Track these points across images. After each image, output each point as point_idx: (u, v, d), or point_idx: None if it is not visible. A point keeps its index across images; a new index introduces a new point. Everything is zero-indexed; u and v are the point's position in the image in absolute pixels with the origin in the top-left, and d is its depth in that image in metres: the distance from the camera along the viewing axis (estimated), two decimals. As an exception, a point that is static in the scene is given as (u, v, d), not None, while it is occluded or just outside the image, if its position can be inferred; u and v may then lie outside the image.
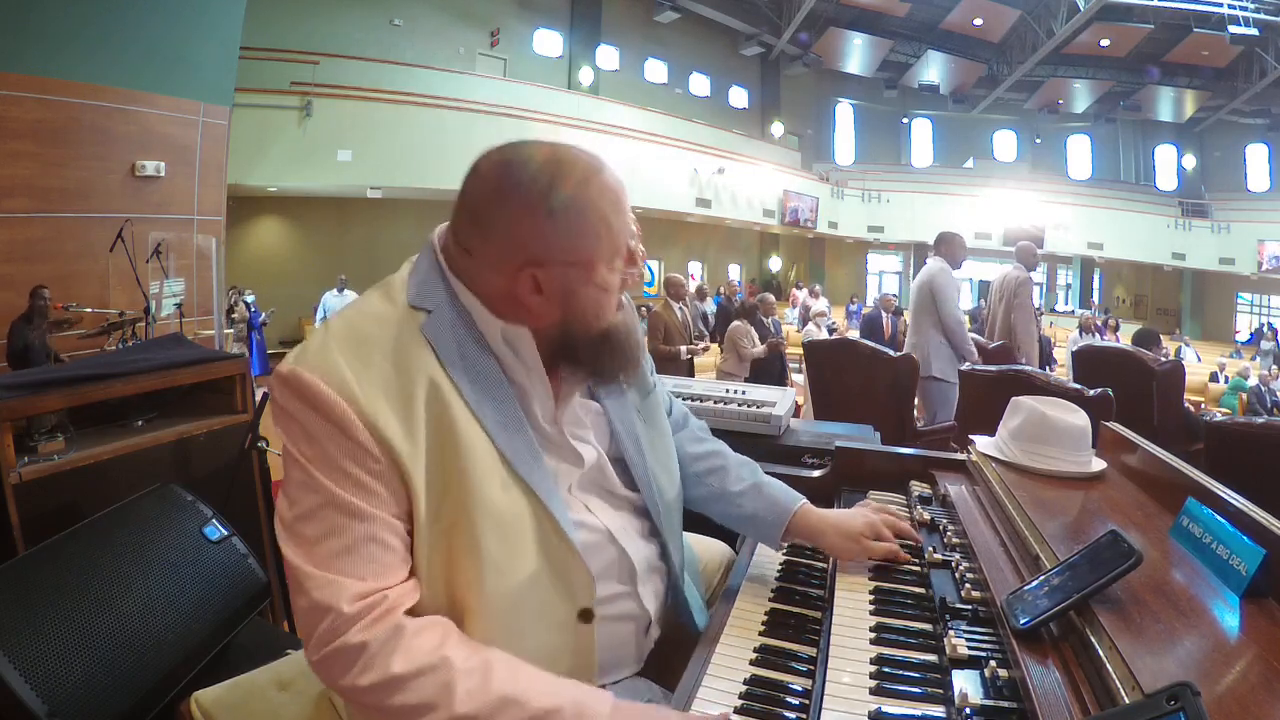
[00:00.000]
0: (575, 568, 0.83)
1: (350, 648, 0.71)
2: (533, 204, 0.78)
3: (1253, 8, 13.67)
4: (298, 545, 0.75)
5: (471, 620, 0.79)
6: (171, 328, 5.22)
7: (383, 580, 0.74)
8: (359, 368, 0.76)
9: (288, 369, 0.76)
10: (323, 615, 0.72)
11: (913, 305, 4.15)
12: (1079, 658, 0.69)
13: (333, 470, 0.75)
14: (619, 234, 0.82)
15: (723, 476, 1.09)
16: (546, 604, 0.83)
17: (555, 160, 0.80)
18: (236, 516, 1.64)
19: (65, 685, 1.06)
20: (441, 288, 0.83)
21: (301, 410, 0.75)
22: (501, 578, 0.79)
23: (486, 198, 0.80)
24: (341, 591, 0.72)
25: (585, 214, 0.79)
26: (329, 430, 0.75)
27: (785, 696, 0.80)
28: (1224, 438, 2.20)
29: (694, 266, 17.03)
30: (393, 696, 0.71)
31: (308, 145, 8.91)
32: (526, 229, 0.79)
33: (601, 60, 15.36)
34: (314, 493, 0.75)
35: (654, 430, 1.01)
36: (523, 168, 0.79)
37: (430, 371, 0.79)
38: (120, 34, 5.42)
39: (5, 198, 5.07)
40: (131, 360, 1.91)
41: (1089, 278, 18.80)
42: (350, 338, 0.78)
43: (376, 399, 0.76)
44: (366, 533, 0.75)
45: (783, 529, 1.04)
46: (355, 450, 0.75)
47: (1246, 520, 0.81)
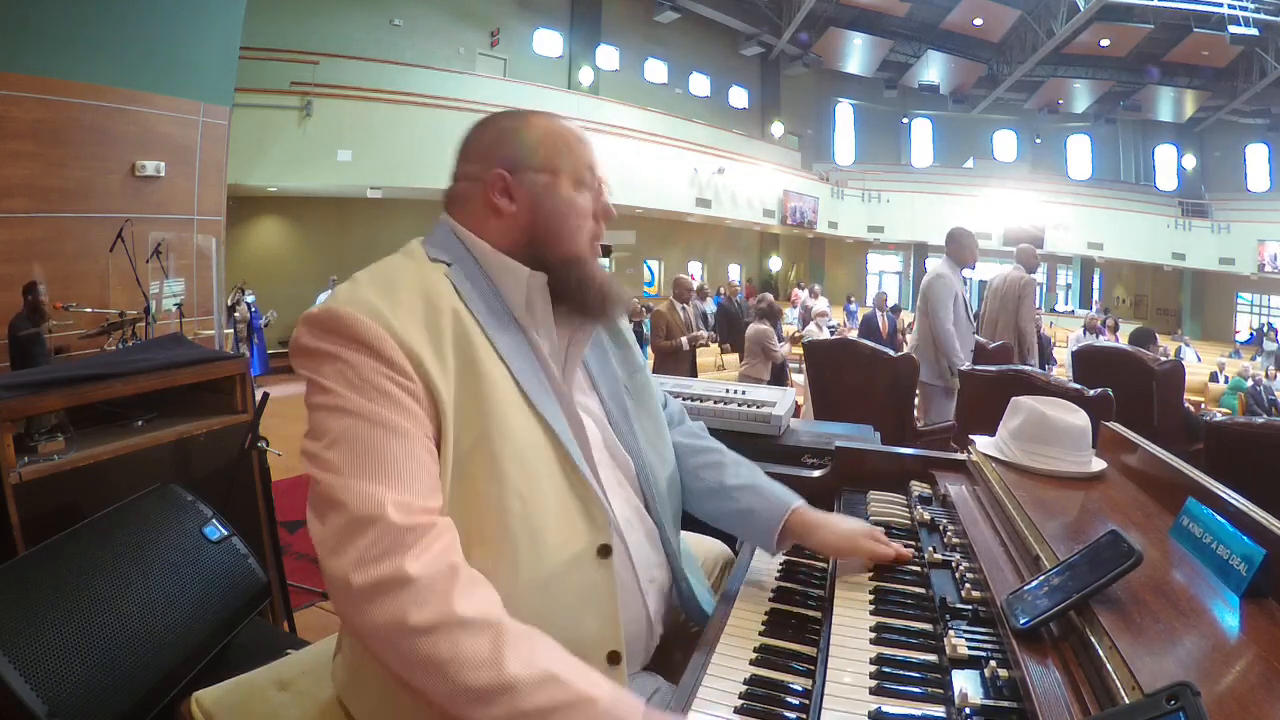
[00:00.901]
0: (592, 502, 0.86)
1: (404, 576, 0.67)
2: (504, 127, 0.94)
3: (1253, 8, 13.66)
4: (327, 466, 0.72)
5: (496, 548, 0.79)
6: (171, 328, 5.22)
7: (423, 499, 0.73)
8: (388, 299, 0.80)
9: (318, 309, 0.79)
10: (365, 528, 0.68)
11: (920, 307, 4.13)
12: (1079, 658, 0.69)
13: (367, 389, 0.75)
14: (579, 158, 0.94)
15: (719, 471, 1.09)
16: (567, 535, 0.84)
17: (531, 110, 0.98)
18: (236, 516, 1.65)
19: (65, 685, 1.06)
20: (457, 244, 0.91)
21: (333, 341, 0.77)
22: (523, 504, 0.80)
23: (470, 135, 0.96)
24: (385, 499, 0.69)
25: (549, 134, 0.93)
26: (363, 353, 0.76)
27: (785, 696, 0.80)
28: (1224, 438, 2.20)
29: (694, 266, 17.02)
30: (445, 640, 0.66)
31: (308, 145, 8.90)
32: (498, 142, 0.93)
33: (601, 60, 15.36)
34: (347, 415, 0.74)
35: (643, 409, 1.03)
36: (501, 113, 0.97)
37: (454, 306, 0.84)
38: (120, 34, 5.41)
39: (5, 198, 5.07)
40: (131, 360, 1.91)
41: (1089, 278, 18.80)
42: (377, 280, 0.83)
43: (407, 322, 0.79)
44: (404, 449, 0.74)
45: (779, 526, 1.02)
46: (390, 369, 0.76)
47: (1246, 520, 0.81)
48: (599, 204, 0.96)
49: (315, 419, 0.76)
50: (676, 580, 1.00)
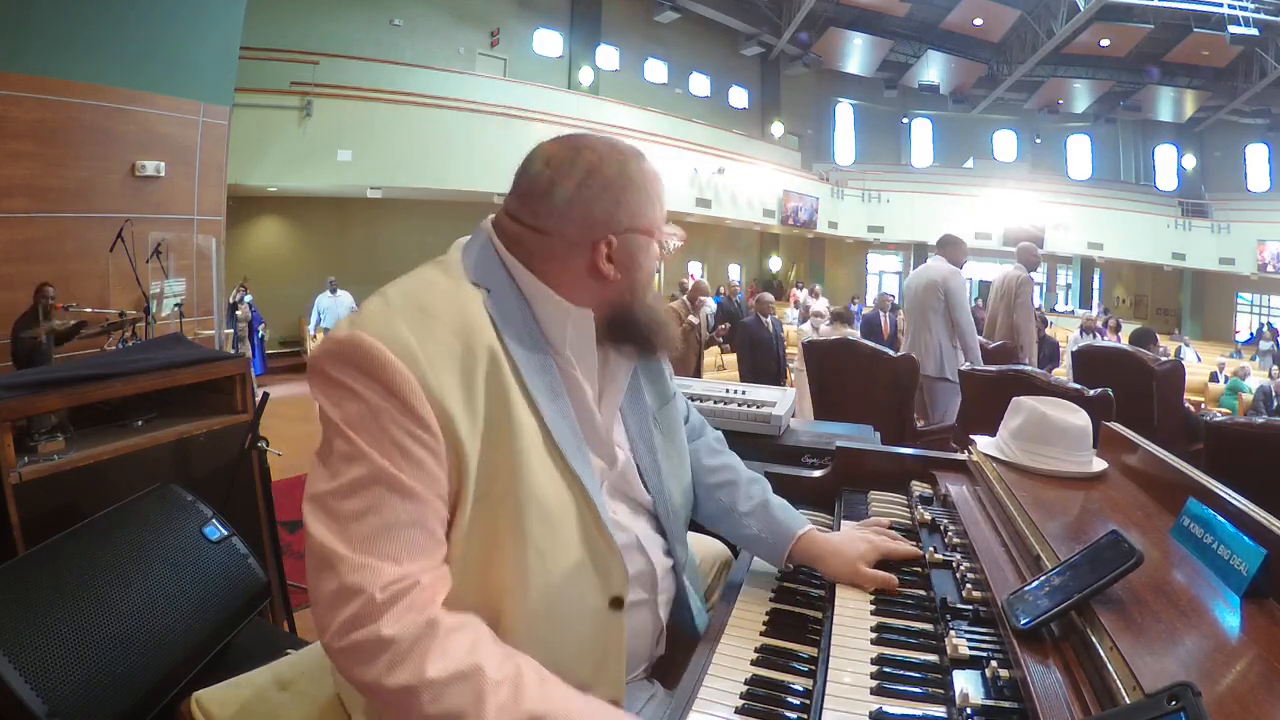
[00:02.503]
0: (612, 558, 0.84)
1: (380, 640, 0.67)
2: (610, 179, 0.85)
3: (1253, 8, 13.66)
4: (331, 521, 0.71)
5: (511, 604, 0.77)
6: (172, 328, 5.22)
7: (418, 564, 0.71)
8: (423, 336, 0.74)
9: (346, 333, 0.74)
10: (351, 599, 0.68)
11: (915, 304, 4.12)
12: (1080, 658, 0.69)
13: (384, 443, 0.71)
14: (662, 209, 0.90)
15: (733, 493, 1.09)
16: (583, 591, 0.82)
17: (615, 145, 0.89)
18: (236, 516, 1.64)
19: (65, 685, 1.06)
20: (500, 271, 0.84)
21: (358, 377, 0.72)
22: (543, 561, 0.78)
23: (563, 177, 0.84)
24: (376, 577, 0.68)
25: (648, 185, 0.88)
26: (386, 398, 0.71)
27: (786, 696, 0.80)
28: (1224, 438, 2.20)
29: (694, 266, 17.02)
30: (422, 702, 0.67)
31: (308, 145, 8.90)
32: (609, 200, 0.85)
33: (601, 60, 15.35)
34: (359, 465, 0.71)
35: (670, 442, 1.00)
36: (593, 150, 0.86)
37: (490, 342, 0.78)
38: (120, 34, 5.41)
39: (5, 198, 5.06)
40: (131, 360, 1.91)
41: (1089, 278, 18.80)
42: (412, 306, 0.77)
43: (441, 368, 0.74)
44: (411, 514, 0.71)
45: (784, 554, 1.04)
46: (412, 423, 0.72)
47: (1247, 520, 0.81)
48: (667, 254, 0.93)
49: (328, 459, 0.73)
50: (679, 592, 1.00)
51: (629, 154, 0.88)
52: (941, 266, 4.06)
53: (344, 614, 0.68)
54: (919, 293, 4.09)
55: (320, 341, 0.77)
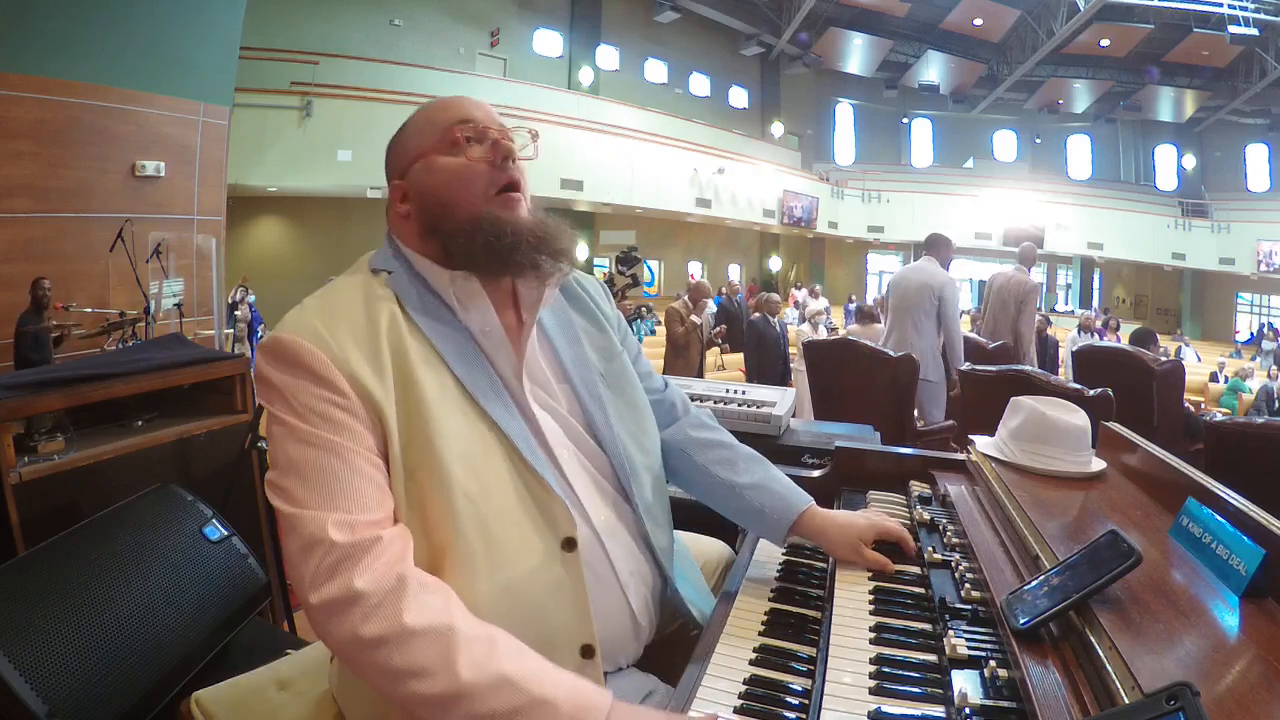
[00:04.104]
0: (550, 499, 0.85)
1: (352, 592, 0.70)
2: (391, 143, 0.96)
3: (1253, 8, 13.67)
4: (281, 494, 0.77)
5: (453, 555, 0.79)
6: (171, 328, 5.22)
7: (367, 513, 0.75)
8: (329, 320, 0.82)
9: (267, 338, 0.82)
10: (313, 551, 0.72)
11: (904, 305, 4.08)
12: (1079, 658, 0.69)
13: (307, 414, 0.78)
14: (441, 122, 0.92)
15: (730, 468, 1.08)
16: (526, 534, 0.83)
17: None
18: (236, 516, 1.64)
19: (65, 685, 1.07)
20: (394, 255, 0.92)
21: (277, 367, 0.80)
22: (474, 506, 0.80)
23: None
24: (325, 522, 0.73)
25: (413, 124, 0.94)
26: (302, 378, 0.79)
27: (785, 696, 0.80)
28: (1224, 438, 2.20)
29: (694, 266, 17.03)
30: (396, 652, 0.69)
31: (308, 145, 8.91)
32: (391, 154, 0.95)
33: (601, 60, 15.36)
34: (290, 440, 0.78)
35: (621, 399, 1.00)
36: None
37: (393, 314, 0.85)
38: (120, 34, 5.41)
39: (5, 198, 5.06)
40: (131, 360, 1.91)
41: (1089, 278, 18.81)
42: (321, 302, 0.86)
43: (346, 342, 0.81)
44: (344, 466, 0.77)
45: (788, 528, 1.03)
46: (328, 391, 0.78)
47: (1246, 520, 0.81)
48: (489, 149, 0.90)
49: (272, 446, 0.80)
50: (664, 576, 0.99)
51: (419, 109, 0.97)
52: (936, 271, 4.04)
53: (311, 566, 0.73)
54: (909, 293, 4.06)
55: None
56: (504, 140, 0.91)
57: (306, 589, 0.73)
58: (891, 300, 4.21)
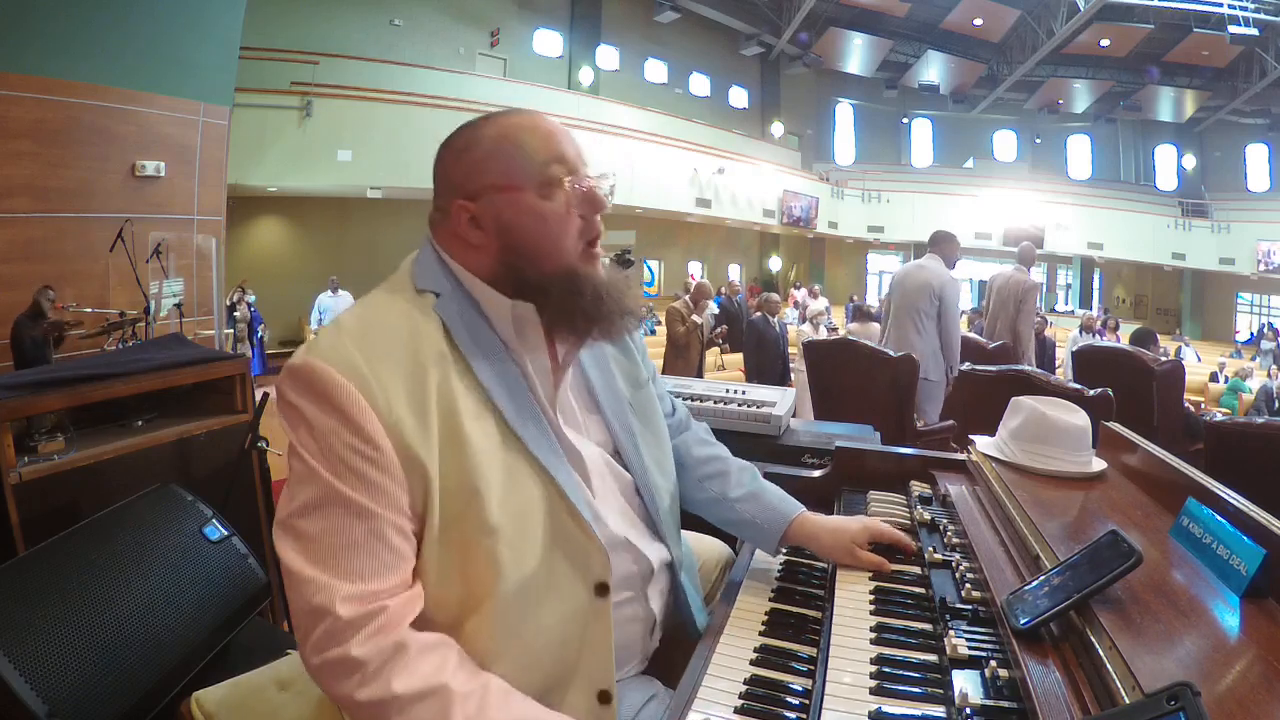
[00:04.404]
0: (589, 544, 0.83)
1: (351, 660, 0.70)
2: (456, 149, 0.86)
3: (1253, 8, 13.66)
4: (294, 542, 0.74)
5: (490, 604, 0.78)
6: (171, 328, 5.21)
7: (380, 582, 0.73)
8: (370, 354, 0.76)
9: (299, 360, 0.76)
10: (318, 620, 0.71)
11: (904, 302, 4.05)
12: (1079, 658, 0.69)
13: (334, 462, 0.73)
14: (539, 155, 0.84)
15: (723, 482, 1.10)
16: (561, 581, 0.82)
17: (487, 114, 0.88)
18: (236, 516, 1.64)
19: (65, 685, 1.06)
20: (444, 272, 0.86)
21: (309, 401, 0.74)
22: (515, 556, 0.78)
23: (436, 159, 0.89)
24: (335, 594, 0.71)
25: (499, 142, 0.85)
26: (336, 419, 0.73)
27: (785, 696, 0.80)
28: (1224, 438, 2.20)
29: (694, 266, 17.02)
30: (393, 714, 0.70)
31: (308, 145, 8.90)
32: (453, 169, 0.86)
33: (601, 60, 15.35)
34: (313, 487, 0.74)
35: (647, 427, 1.00)
36: (458, 130, 0.88)
37: (440, 347, 0.80)
38: (120, 34, 5.41)
39: (5, 198, 5.06)
40: (131, 360, 1.91)
41: (1089, 278, 18.80)
42: (361, 328, 0.79)
43: (389, 383, 0.75)
44: (366, 531, 0.73)
45: (779, 536, 1.05)
46: (361, 441, 0.73)
47: (1246, 520, 0.81)
48: (584, 197, 0.86)
49: (290, 481, 0.76)
50: (675, 589, 1.00)
51: (496, 118, 0.87)
52: (938, 270, 3.99)
53: (315, 633, 0.71)
54: (910, 292, 4.02)
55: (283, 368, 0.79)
56: (599, 192, 0.87)
57: (306, 651, 0.72)
58: (892, 299, 4.20)
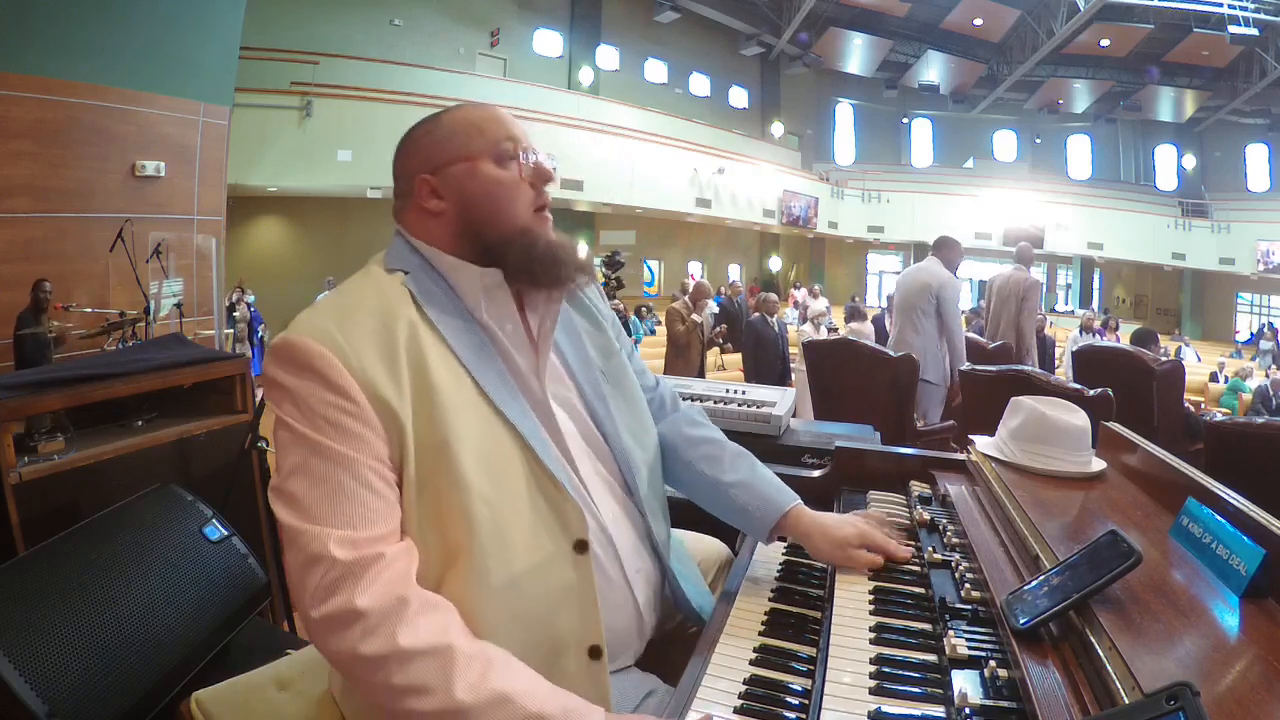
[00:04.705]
0: (564, 501, 0.85)
1: (352, 610, 0.71)
2: (419, 133, 0.95)
3: (1253, 8, 13.66)
4: (286, 503, 0.76)
5: (467, 559, 0.79)
6: (171, 328, 5.22)
7: (372, 527, 0.75)
8: (342, 321, 0.80)
9: (278, 339, 0.81)
10: (315, 566, 0.72)
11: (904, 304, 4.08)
12: (1079, 658, 0.69)
13: (315, 420, 0.77)
14: (493, 133, 0.92)
15: (717, 465, 1.08)
16: (538, 534, 0.83)
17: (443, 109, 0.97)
18: (236, 516, 1.64)
19: (65, 685, 1.06)
20: (411, 253, 0.91)
21: (287, 370, 0.79)
22: (490, 510, 0.80)
23: (397, 150, 0.96)
24: (328, 538, 0.73)
25: (457, 123, 0.93)
26: (311, 381, 0.77)
27: (785, 696, 0.80)
28: (1224, 438, 2.20)
29: (694, 266, 17.03)
30: (394, 671, 0.70)
31: (308, 145, 8.91)
32: (416, 149, 0.94)
33: (601, 60, 15.36)
34: (298, 446, 0.77)
35: (620, 392, 1.02)
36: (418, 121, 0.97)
37: (411, 316, 0.84)
38: (120, 34, 5.41)
39: (5, 198, 5.06)
40: (131, 360, 1.91)
41: (1089, 278, 18.80)
42: (334, 304, 0.85)
43: (360, 344, 0.79)
44: (351, 477, 0.76)
45: (771, 526, 1.03)
46: (337, 396, 0.77)
47: (1246, 520, 0.81)
48: (533, 170, 0.93)
49: (278, 452, 0.79)
50: (665, 573, 1.00)
51: (453, 108, 0.96)
52: (938, 271, 4.02)
53: (312, 582, 0.73)
54: (910, 293, 4.06)
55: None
56: (547, 164, 0.95)
57: (306, 604, 0.73)
58: (895, 302, 4.22)
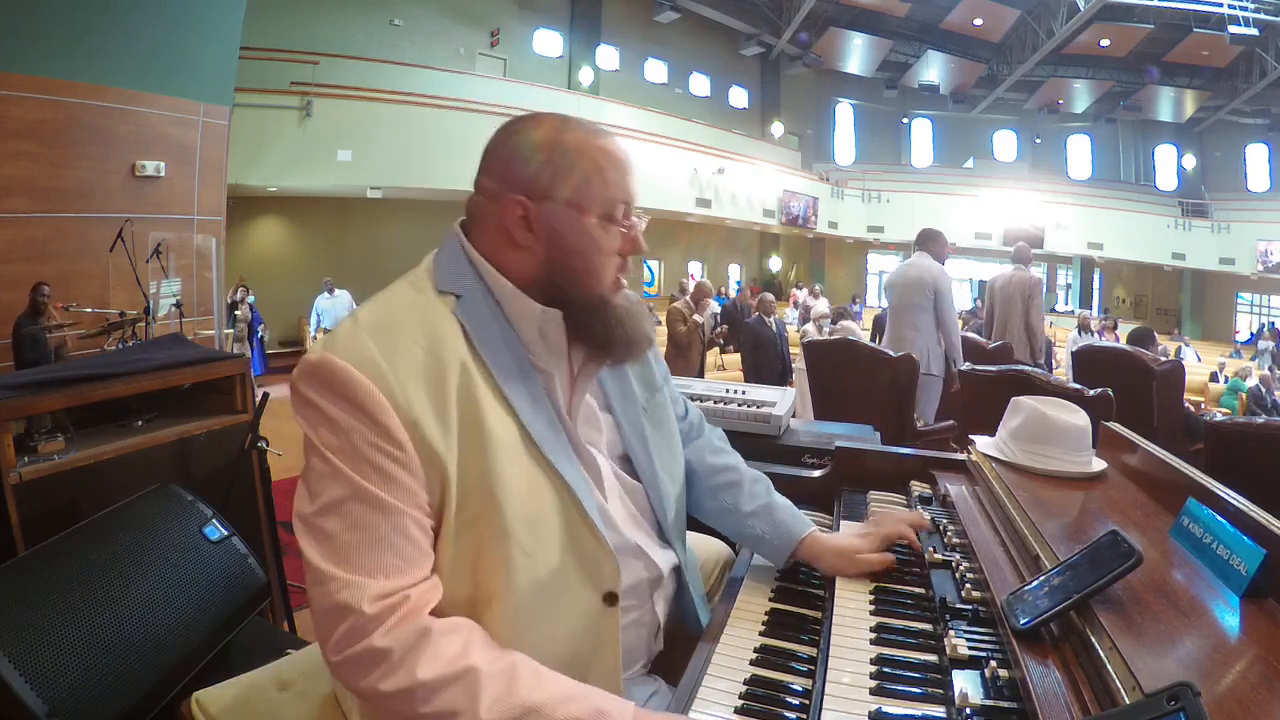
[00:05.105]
0: (601, 554, 0.84)
1: (374, 651, 0.70)
2: (530, 141, 0.84)
3: (1253, 8, 13.65)
4: (317, 541, 0.73)
5: (499, 607, 0.78)
6: (171, 328, 5.22)
7: (405, 577, 0.73)
8: (390, 351, 0.75)
9: (317, 356, 0.75)
10: (343, 617, 0.71)
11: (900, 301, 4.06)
12: (1079, 658, 0.69)
13: (358, 461, 0.73)
14: (613, 189, 0.85)
15: (736, 493, 1.09)
16: (573, 588, 0.83)
17: (576, 119, 0.87)
18: (236, 516, 1.64)
19: (65, 685, 1.06)
20: (469, 271, 0.85)
21: (329, 398, 0.74)
22: (529, 562, 0.79)
23: (494, 141, 0.86)
24: (363, 592, 0.70)
25: (581, 158, 0.83)
26: (357, 417, 0.73)
27: (785, 696, 0.80)
28: (1224, 438, 2.20)
29: (694, 266, 17.02)
30: (417, 703, 0.69)
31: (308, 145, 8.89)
32: (521, 159, 0.83)
33: (601, 60, 15.35)
34: (336, 484, 0.73)
35: (660, 433, 1.00)
36: (533, 116, 0.87)
37: (461, 354, 0.79)
38: (121, 34, 5.41)
39: (5, 198, 5.06)
40: (131, 360, 1.91)
41: (1089, 278, 18.79)
42: (380, 325, 0.78)
43: (408, 382, 0.75)
44: (390, 527, 0.73)
45: (788, 555, 1.04)
46: (382, 438, 0.73)
47: (1246, 520, 0.81)
48: (627, 240, 0.88)
49: (309, 470, 0.75)
50: (680, 591, 1.00)
51: (576, 128, 0.85)
52: (930, 265, 4.02)
53: (339, 631, 0.71)
54: (905, 290, 4.04)
55: (299, 364, 0.78)
56: (641, 239, 0.90)
57: (329, 649, 0.72)
58: (890, 300, 4.20)
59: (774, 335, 5.82)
